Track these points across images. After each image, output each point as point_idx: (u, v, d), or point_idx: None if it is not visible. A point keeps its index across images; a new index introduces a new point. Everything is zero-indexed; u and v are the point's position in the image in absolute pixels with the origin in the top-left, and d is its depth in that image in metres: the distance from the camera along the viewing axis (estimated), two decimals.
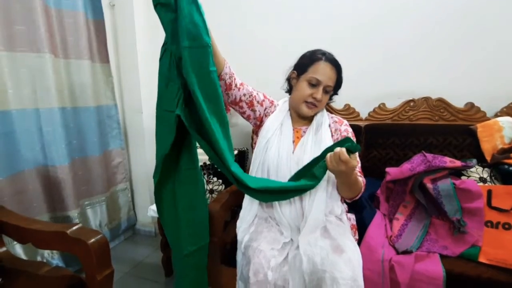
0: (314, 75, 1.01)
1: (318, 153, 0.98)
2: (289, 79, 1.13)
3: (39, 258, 1.42)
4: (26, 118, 1.35)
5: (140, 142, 1.94)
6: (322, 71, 1.01)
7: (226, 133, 0.89)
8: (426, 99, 1.45)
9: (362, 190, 0.99)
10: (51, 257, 1.48)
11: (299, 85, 1.05)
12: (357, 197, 1.01)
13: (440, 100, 1.43)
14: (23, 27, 1.31)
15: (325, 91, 1.04)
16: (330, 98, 1.13)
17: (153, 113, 2.05)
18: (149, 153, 1.96)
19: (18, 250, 1.32)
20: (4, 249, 1.08)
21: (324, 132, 1.03)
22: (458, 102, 1.42)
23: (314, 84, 1.02)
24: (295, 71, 1.09)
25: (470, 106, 1.40)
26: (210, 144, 0.87)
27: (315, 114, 1.09)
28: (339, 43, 1.33)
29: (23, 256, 1.33)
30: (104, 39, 1.72)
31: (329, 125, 1.08)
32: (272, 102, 1.13)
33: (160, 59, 0.87)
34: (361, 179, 0.98)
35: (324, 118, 1.08)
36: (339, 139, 1.04)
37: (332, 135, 1.06)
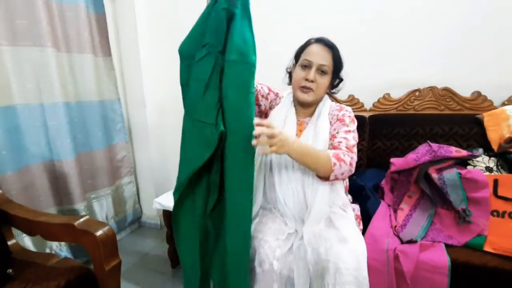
0: (305, 57, 1.00)
1: (317, 143, 0.97)
2: (289, 71, 1.12)
3: (47, 250, 1.45)
4: (30, 113, 1.36)
5: (144, 135, 1.95)
6: (312, 52, 0.99)
7: (248, 172, 0.77)
8: (432, 89, 1.43)
9: (334, 168, 0.89)
10: (59, 249, 1.51)
11: (294, 73, 1.04)
12: (331, 176, 0.91)
13: (446, 89, 1.41)
14: (25, 21, 1.31)
15: (321, 72, 0.99)
16: (336, 86, 1.09)
17: (156, 106, 2.06)
18: (153, 146, 1.97)
19: (27, 242, 1.35)
20: (13, 241, 1.10)
21: (323, 121, 1.01)
22: (465, 91, 1.39)
23: (306, 66, 1.00)
24: (294, 61, 1.08)
25: (477, 95, 1.38)
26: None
27: (318, 104, 1.07)
28: (343, 33, 1.31)
29: (32, 248, 1.36)
30: (105, 33, 1.71)
31: (329, 114, 1.05)
32: (277, 95, 1.11)
33: (198, 60, 0.78)
34: (328, 155, 0.90)
35: (325, 107, 1.05)
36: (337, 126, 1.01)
37: (331, 124, 1.03)
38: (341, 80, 1.08)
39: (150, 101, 1.92)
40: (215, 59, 0.75)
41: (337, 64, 1.02)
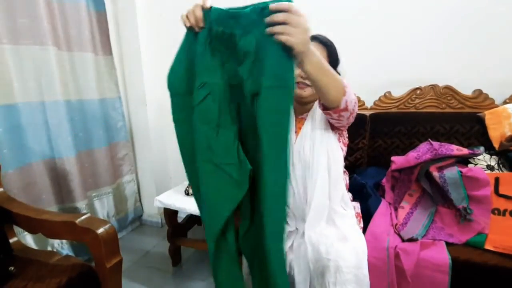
0: None
1: (315, 136, 0.96)
2: None
3: (49, 248, 1.46)
4: (32, 111, 1.36)
5: (145, 134, 1.96)
6: None
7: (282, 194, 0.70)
8: (433, 87, 1.42)
9: (346, 90, 0.79)
10: (61, 247, 1.51)
11: None
12: (342, 102, 0.80)
13: (447, 87, 1.41)
14: (26, 20, 1.31)
15: None
16: None
17: (157, 105, 2.06)
18: (154, 145, 1.97)
19: (29, 240, 1.35)
20: (15, 239, 1.10)
21: (318, 115, 0.99)
22: (466, 89, 1.39)
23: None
24: None
25: (478, 93, 1.37)
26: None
27: (315, 100, 1.05)
28: (344, 31, 1.31)
29: (34, 246, 1.36)
30: (106, 31, 1.71)
31: None
32: None
33: (199, 102, 0.71)
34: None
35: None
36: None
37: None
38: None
39: (151, 99, 1.92)
40: (218, 97, 0.71)
41: (333, 61, 1.00)
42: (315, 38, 1.00)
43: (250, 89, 0.70)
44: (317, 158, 0.95)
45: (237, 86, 0.71)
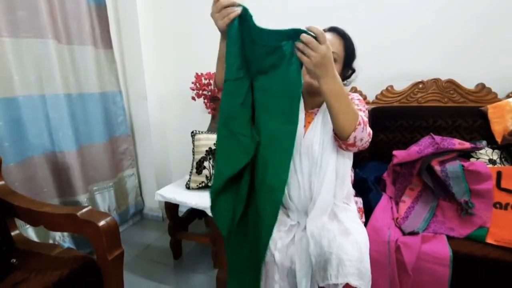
0: None
1: (326, 134, 0.95)
2: None
3: (50, 241, 1.46)
4: (32, 104, 1.36)
5: (146, 128, 1.95)
6: None
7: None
8: (436, 81, 1.41)
9: (358, 127, 0.81)
10: (62, 239, 1.52)
11: None
12: (351, 137, 0.81)
13: (450, 81, 1.39)
14: (25, 13, 1.30)
15: None
16: (348, 77, 1.06)
17: (157, 99, 2.05)
18: (154, 139, 1.97)
19: (31, 233, 1.36)
20: (17, 231, 1.11)
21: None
22: (469, 83, 1.38)
23: None
24: None
25: (481, 87, 1.36)
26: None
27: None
28: (346, 25, 1.29)
29: (35, 239, 1.37)
30: (106, 25, 1.70)
31: None
32: None
33: (236, 79, 0.83)
34: (356, 110, 0.83)
35: None
36: None
37: None
38: (353, 71, 1.04)
39: (152, 93, 1.91)
40: (248, 83, 0.83)
41: (349, 53, 0.99)
42: (334, 30, 0.98)
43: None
44: (326, 157, 0.94)
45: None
